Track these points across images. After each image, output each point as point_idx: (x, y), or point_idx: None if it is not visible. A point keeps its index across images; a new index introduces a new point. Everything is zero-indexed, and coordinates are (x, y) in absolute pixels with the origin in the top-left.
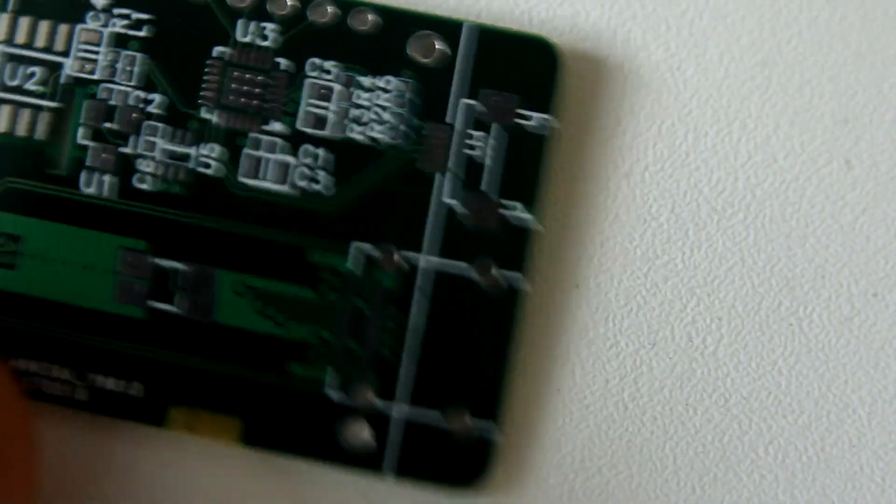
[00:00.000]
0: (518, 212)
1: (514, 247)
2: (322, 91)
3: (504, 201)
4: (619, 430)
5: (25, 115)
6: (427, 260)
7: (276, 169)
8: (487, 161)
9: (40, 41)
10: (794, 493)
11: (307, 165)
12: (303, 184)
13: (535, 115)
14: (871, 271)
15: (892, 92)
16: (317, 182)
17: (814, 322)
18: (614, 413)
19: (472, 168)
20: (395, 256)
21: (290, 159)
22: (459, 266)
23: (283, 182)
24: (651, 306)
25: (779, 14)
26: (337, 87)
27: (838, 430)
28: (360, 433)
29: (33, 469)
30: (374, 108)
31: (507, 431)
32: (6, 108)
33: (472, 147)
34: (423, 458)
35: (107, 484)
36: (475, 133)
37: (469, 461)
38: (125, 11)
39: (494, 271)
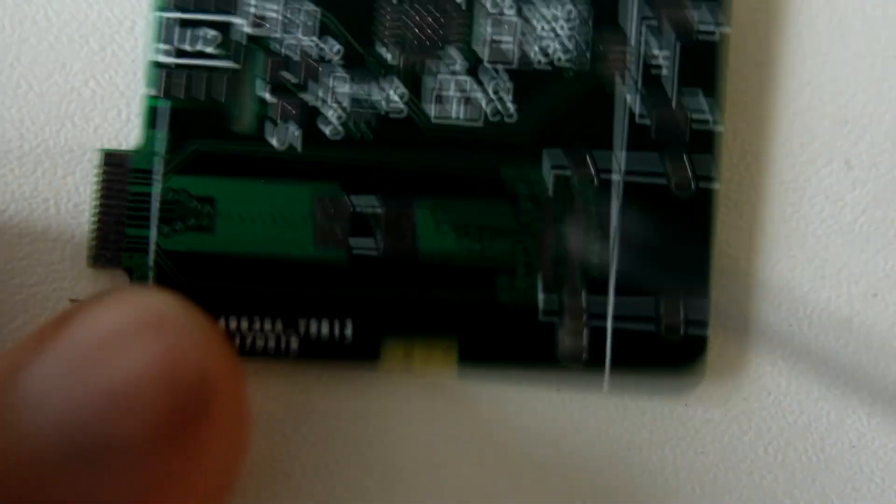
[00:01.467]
0: (704, 116)
1: (702, 150)
2: (498, 19)
3: (690, 109)
4: None
5: (204, 77)
6: (620, 169)
7: (462, 100)
8: (666, 71)
9: (210, 4)
10: (794, 493)
11: (492, 93)
12: (489, 111)
13: (710, 23)
14: (871, 272)
15: (892, 93)
16: (503, 107)
17: (813, 322)
18: None
19: (655, 79)
20: (589, 167)
21: (474, 89)
22: (653, 173)
23: (469, 112)
24: None
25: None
26: (513, 13)
27: (838, 431)
28: (575, 339)
29: (246, 428)
30: (552, 30)
31: (715, 325)
32: (184, 74)
33: (652, 58)
34: (639, 357)
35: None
36: (654, 45)
37: (683, 356)
38: None
39: (691, 181)
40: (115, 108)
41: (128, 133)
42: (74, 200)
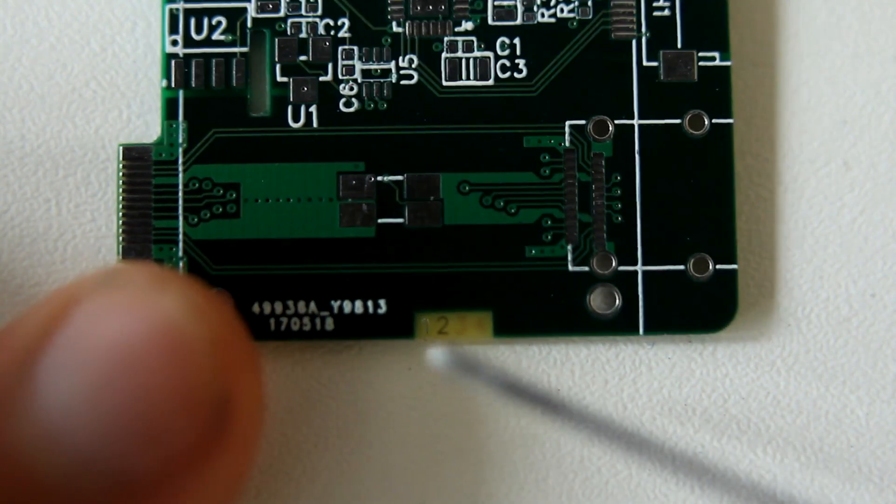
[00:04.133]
0: (716, 61)
1: (718, 93)
2: None
3: (701, 53)
4: None
5: (218, 65)
6: (640, 123)
7: (477, 66)
8: (668, 13)
9: None
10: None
11: (506, 56)
12: (505, 75)
13: None
14: (870, 272)
15: (891, 93)
16: (518, 71)
17: (812, 322)
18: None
19: (664, 28)
20: (609, 126)
21: (488, 54)
22: (671, 122)
23: (485, 77)
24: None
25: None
26: None
27: (837, 430)
28: (609, 300)
29: (262, 421)
30: None
31: (746, 271)
32: (198, 63)
33: (660, 8)
34: (673, 311)
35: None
36: None
37: (718, 306)
38: None
39: (705, 120)
40: (116, 109)
41: (129, 133)
42: (75, 201)
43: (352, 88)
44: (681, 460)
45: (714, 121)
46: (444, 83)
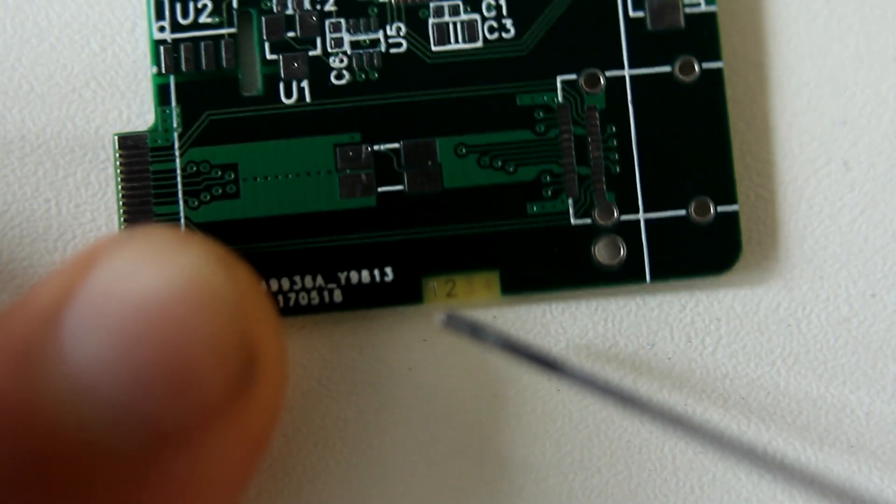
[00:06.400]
0: (702, 6)
1: (705, 37)
2: None
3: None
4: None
5: (207, 48)
6: (630, 73)
7: (465, 29)
8: None
9: None
10: (793, 492)
11: (493, 18)
12: (493, 36)
13: None
14: (870, 272)
15: (891, 94)
16: (506, 30)
17: (812, 322)
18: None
19: None
20: (600, 78)
21: (475, 16)
22: (662, 70)
23: (474, 39)
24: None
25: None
26: None
27: (837, 431)
28: (614, 250)
29: (286, 380)
30: None
31: (747, 212)
32: (187, 47)
33: None
34: (677, 256)
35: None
36: None
37: (721, 247)
38: None
39: (695, 66)
40: (115, 109)
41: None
42: (75, 201)
43: (342, 61)
44: (678, 421)
45: (704, 65)
46: (434, 49)
